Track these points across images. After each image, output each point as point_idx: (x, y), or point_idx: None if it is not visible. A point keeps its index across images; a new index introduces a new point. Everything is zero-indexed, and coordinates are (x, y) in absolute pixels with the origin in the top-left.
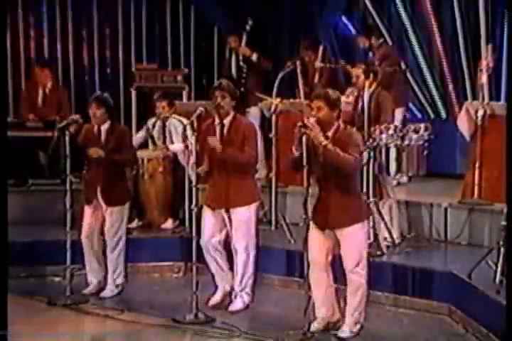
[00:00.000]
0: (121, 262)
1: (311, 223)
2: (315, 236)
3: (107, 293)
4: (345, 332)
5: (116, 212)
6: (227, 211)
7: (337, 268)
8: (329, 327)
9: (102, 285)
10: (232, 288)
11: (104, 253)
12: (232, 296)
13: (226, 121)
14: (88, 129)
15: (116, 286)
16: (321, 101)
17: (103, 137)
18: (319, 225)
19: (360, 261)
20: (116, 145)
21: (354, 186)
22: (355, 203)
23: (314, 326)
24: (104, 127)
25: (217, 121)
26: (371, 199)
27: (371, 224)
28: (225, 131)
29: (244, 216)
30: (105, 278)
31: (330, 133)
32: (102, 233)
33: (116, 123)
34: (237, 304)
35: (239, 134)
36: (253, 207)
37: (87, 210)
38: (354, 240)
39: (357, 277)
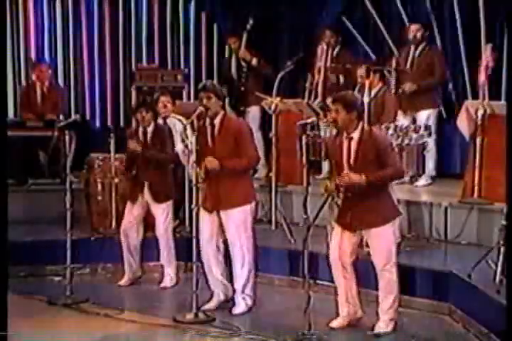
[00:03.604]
0: (172, 256)
1: (334, 224)
2: (340, 236)
3: (167, 283)
4: (380, 329)
5: (164, 208)
6: (220, 212)
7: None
8: (352, 324)
9: (133, 282)
10: (228, 297)
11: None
12: (235, 299)
13: (216, 121)
14: (132, 132)
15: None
16: (338, 104)
17: (149, 138)
18: (347, 226)
19: (391, 259)
20: (160, 145)
21: (386, 185)
22: (385, 202)
23: (337, 322)
24: (150, 129)
25: (207, 121)
26: None
27: None
28: (216, 131)
29: (238, 218)
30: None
31: (355, 135)
32: (144, 230)
33: (159, 124)
34: (240, 307)
35: (230, 134)
36: (248, 208)
37: (129, 207)
38: (384, 239)
39: (388, 275)
